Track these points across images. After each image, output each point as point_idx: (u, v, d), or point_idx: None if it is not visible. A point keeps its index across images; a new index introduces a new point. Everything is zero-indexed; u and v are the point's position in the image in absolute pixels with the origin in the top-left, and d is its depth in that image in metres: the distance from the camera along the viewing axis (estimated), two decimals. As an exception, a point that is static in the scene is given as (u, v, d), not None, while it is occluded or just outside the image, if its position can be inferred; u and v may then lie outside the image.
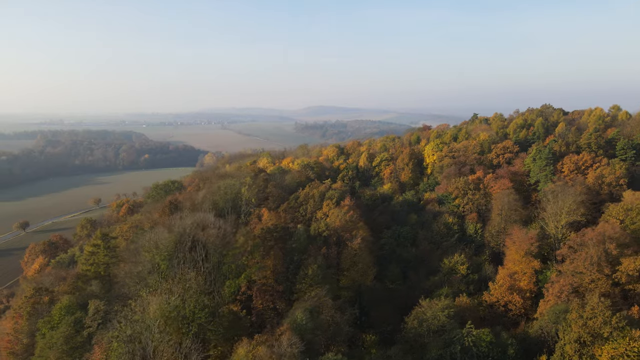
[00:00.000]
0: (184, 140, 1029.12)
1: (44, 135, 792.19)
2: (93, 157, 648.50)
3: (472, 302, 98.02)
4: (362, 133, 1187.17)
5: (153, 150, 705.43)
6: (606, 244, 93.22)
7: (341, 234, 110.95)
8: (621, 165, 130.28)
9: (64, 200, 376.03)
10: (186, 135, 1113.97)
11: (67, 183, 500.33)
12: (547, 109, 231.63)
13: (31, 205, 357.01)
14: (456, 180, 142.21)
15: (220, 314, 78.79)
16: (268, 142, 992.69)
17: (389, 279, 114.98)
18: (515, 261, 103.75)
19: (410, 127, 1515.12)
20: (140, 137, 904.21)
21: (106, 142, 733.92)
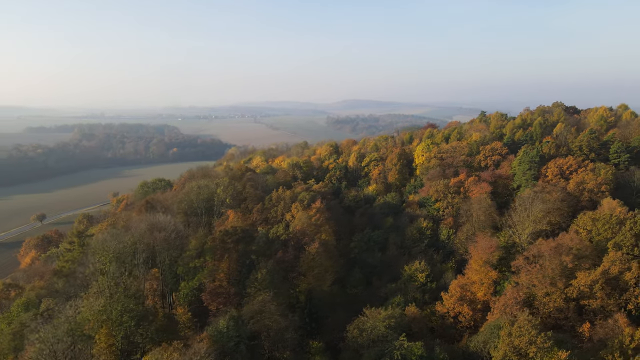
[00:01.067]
0: (215, 133, 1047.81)
1: (81, 128, 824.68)
2: (125, 150, 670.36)
3: (424, 312, 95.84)
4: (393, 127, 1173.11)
5: (182, 143, 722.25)
6: (562, 257, 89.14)
7: (300, 237, 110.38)
8: (607, 170, 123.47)
9: (88, 193, 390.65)
10: (218, 129, 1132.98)
11: (97, 176, 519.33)
12: (556, 107, 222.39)
13: (56, 197, 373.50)
14: (436, 183, 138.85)
15: (151, 318, 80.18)
16: (296, 136, 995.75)
17: (350, 285, 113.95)
18: (474, 270, 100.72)
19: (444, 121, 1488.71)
20: (172, 131, 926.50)
21: (138, 135, 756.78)
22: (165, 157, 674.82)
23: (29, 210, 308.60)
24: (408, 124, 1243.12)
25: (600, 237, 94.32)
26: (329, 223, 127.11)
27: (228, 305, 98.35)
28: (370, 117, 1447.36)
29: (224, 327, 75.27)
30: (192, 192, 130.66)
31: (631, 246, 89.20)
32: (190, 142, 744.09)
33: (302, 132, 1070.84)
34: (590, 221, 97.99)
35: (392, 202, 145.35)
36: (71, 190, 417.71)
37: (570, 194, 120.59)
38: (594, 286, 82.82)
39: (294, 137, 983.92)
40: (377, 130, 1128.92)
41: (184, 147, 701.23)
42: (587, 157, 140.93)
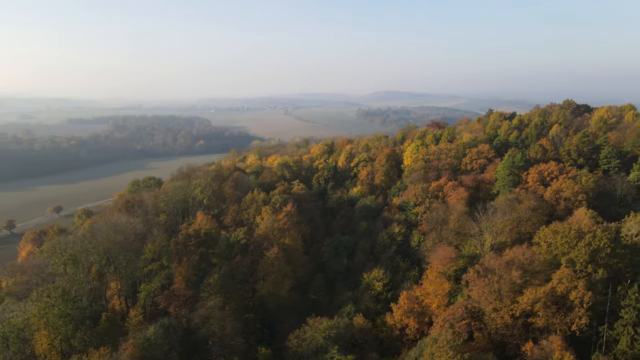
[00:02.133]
0: (244, 125, 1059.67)
1: (116, 120, 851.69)
2: (153, 142, 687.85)
3: (376, 322, 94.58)
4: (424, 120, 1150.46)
5: (209, 136, 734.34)
6: (512, 272, 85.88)
7: (260, 242, 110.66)
8: (588, 178, 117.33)
9: (110, 185, 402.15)
10: (248, 121, 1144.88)
11: (123, 167, 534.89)
12: (566, 106, 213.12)
13: (79, 188, 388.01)
14: (415, 187, 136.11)
15: (88, 322, 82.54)
16: (325, 128, 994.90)
17: (312, 290, 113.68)
18: (430, 281, 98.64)
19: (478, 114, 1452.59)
20: (202, 123, 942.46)
21: (167, 127, 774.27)
22: (192, 149, 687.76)
23: (51, 201, 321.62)
24: (440, 116, 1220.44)
25: (557, 252, 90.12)
26: (299, 226, 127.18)
27: (183, 308, 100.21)
28: (402, 109, 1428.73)
29: (152, 335, 76.51)
30: (167, 193, 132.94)
31: (585, 263, 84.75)
32: (217, 135, 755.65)
33: (332, 124, 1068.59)
34: (551, 234, 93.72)
35: (371, 205, 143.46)
36: (95, 182, 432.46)
37: (547, 202, 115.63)
38: (536, 305, 79.53)
39: (322, 129, 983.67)
40: (407, 122, 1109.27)
41: (211, 140, 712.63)
42: (575, 162, 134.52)
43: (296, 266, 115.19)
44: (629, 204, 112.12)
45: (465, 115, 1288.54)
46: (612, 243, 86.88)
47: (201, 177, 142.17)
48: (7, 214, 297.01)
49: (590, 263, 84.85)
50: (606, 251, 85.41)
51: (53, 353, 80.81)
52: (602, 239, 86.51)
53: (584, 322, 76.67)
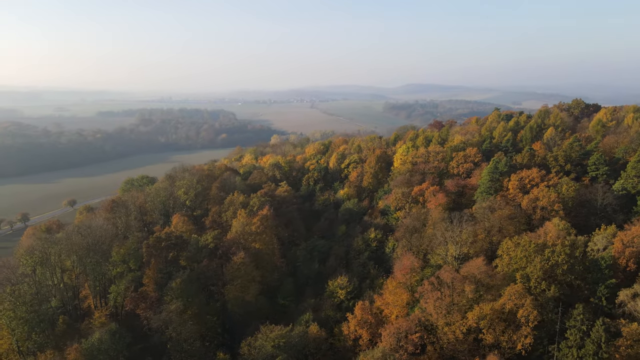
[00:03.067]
0: (269, 119, 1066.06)
1: (142, 113, 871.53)
2: (177, 135, 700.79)
3: (326, 332, 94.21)
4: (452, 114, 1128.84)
5: (231, 129, 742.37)
6: (465, 285, 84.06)
7: (228, 246, 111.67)
8: (569, 186, 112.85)
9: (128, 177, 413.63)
10: (273, 114, 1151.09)
11: (145, 160, 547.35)
12: (574, 105, 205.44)
13: (99, 181, 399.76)
14: (396, 191, 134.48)
15: (42, 325, 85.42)
16: (349, 122, 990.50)
17: (281, 296, 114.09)
18: (390, 291, 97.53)
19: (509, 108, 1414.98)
20: (227, 116, 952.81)
21: (191, 121, 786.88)
22: (214, 142, 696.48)
23: (71, 194, 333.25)
24: (468, 110, 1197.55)
25: (516, 266, 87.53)
26: (276, 230, 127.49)
27: (148, 310, 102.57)
28: (429, 103, 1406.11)
29: (96, 341, 78.47)
30: (150, 194, 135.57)
31: (539, 279, 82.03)
32: (239, 129, 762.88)
33: (356, 118, 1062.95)
34: (513, 246, 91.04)
35: (353, 208, 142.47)
36: (115, 175, 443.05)
37: (524, 211, 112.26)
38: (481, 322, 77.66)
39: (346, 123, 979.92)
40: (433, 116, 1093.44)
41: (233, 133, 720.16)
42: (563, 168, 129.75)
43: (266, 270, 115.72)
44: (609, 215, 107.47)
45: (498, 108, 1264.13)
46: (570, 259, 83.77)
47: (186, 179, 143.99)
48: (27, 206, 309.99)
49: (544, 279, 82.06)
50: (563, 267, 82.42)
51: (13, 354, 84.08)
52: (561, 254, 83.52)
53: (529, 342, 74.51)
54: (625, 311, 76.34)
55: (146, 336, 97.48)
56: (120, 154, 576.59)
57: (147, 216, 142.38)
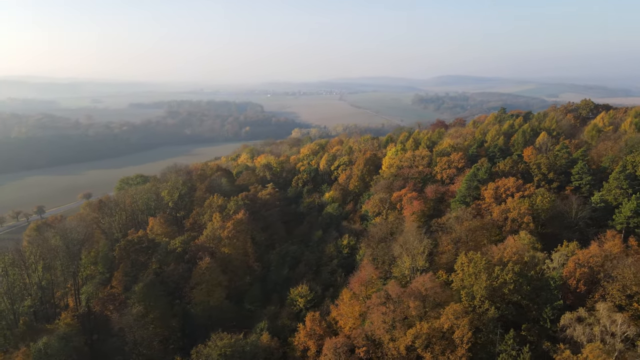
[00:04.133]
0: (295, 111, 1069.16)
1: (170, 106, 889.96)
2: (202, 127, 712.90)
3: (279, 341, 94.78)
4: (482, 108, 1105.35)
5: (255, 123, 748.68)
6: (410, 301, 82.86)
7: (196, 251, 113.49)
8: (544, 197, 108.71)
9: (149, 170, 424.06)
10: (300, 106, 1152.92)
11: (169, 153, 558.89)
12: (582, 106, 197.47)
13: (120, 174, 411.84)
14: (374, 197, 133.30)
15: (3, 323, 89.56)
16: (374, 115, 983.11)
17: (248, 301, 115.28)
18: (344, 302, 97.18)
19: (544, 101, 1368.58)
20: (254, 108, 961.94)
21: (216, 114, 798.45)
22: (238, 135, 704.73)
23: (90, 186, 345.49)
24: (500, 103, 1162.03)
25: (466, 282, 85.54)
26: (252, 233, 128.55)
27: (115, 312, 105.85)
28: (459, 96, 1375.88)
29: (43, 346, 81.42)
30: (133, 196, 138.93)
31: (483, 298, 79.97)
32: (263, 122, 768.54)
33: (382, 111, 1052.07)
34: (467, 262, 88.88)
35: (333, 213, 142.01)
36: (137, 167, 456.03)
37: (495, 223, 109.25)
38: (417, 340, 76.50)
39: (371, 116, 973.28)
40: (463, 110, 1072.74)
41: (257, 126, 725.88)
42: (545, 177, 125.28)
43: (235, 275, 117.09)
44: (581, 229, 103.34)
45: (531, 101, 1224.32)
46: (519, 277, 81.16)
47: (171, 180, 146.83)
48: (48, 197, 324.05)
49: (489, 299, 79.91)
50: (509, 287, 80.00)
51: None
52: (509, 272, 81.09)
53: (463, 364, 72.98)
54: (566, 335, 73.54)
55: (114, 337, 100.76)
56: (145, 146, 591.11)
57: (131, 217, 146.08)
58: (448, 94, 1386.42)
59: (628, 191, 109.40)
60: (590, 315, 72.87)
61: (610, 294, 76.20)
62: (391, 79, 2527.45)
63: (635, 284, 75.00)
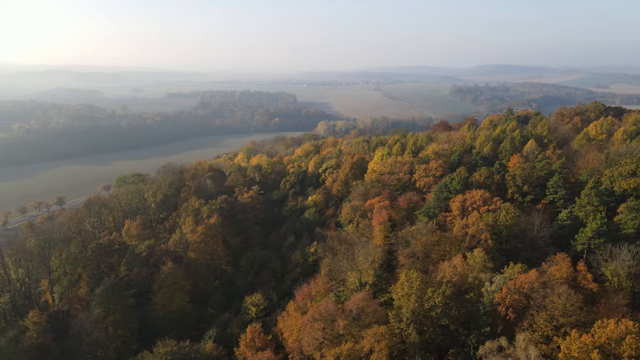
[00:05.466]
0: (330, 101, 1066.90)
1: (204, 96, 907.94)
2: (232, 119, 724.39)
3: (224, 350, 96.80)
4: (522, 99, 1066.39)
5: (284, 114, 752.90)
6: (338, 320, 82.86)
7: (160, 255, 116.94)
8: (508, 213, 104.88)
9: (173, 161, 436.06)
10: (334, 97, 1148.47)
11: (197, 144, 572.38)
12: (591, 108, 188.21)
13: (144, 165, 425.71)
14: (346, 205, 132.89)
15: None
16: (408, 107, 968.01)
17: (210, 305, 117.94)
18: (289, 314, 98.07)
19: (590, 92, 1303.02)
20: (286, 99, 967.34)
21: (247, 104, 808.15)
22: (267, 126, 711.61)
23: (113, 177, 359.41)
24: (541, 95, 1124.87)
25: (399, 303, 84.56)
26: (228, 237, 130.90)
27: (81, 312, 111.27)
28: (500, 86, 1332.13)
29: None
30: (117, 197, 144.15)
31: (408, 322, 78.90)
32: (292, 113, 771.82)
33: (416, 103, 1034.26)
34: (405, 281, 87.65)
35: (309, 218, 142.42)
36: (163, 158, 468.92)
37: (455, 238, 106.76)
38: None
39: (404, 108, 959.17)
40: (502, 102, 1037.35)
41: (285, 118, 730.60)
42: (520, 189, 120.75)
43: (199, 279, 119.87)
44: (541, 247, 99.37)
45: (575, 93, 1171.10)
46: (449, 300, 79.47)
47: (157, 181, 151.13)
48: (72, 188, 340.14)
49: (414, 322, 78.77)
50: (437, 310, 78.54)
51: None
52: (439, 295, 79.57)
53: (377, 388, 72.65)
54: (486, 365, 71.68)
55: (72, 337, 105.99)
56: (176, 136, 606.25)
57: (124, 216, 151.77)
58: (488, 85, 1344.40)
59: (599, 208, 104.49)
60: (509, 346, 70.78)
61: (537, 324, 73.51)
62: (430, 68, 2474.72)
63: (563, 315, 72.04)
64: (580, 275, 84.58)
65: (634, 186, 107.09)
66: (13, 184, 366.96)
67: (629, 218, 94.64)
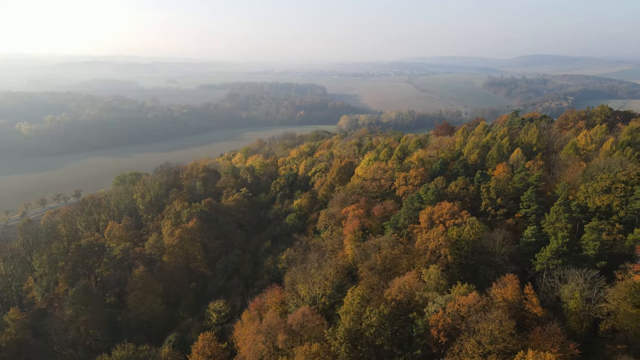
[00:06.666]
0: (359, 93, 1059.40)
1: (233, 88, 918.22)
2: (258, 111, 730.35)
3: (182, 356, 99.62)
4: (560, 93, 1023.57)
5: (310, 107, 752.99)
6: (279, 334, 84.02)
7: (134, 258, 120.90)
8: (472, 229, 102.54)
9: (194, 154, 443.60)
10: (364, 89, 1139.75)
11: (220, 136, 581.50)
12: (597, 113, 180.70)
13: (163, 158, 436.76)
14: (322, 212, 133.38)
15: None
16: (438, 100, 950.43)
17: (181, 309, 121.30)
18: (244, 323, 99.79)
19: (636, 85, 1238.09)
20: (315, 91, 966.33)
21: (274, 96, 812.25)
22: (292, 119, 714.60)
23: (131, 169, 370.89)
24: (581, 88, 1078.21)
25: (346, 321, 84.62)
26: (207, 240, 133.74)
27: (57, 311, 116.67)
28: (537, 79, 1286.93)
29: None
30: (107, 198, 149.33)
31: (341, 340, 79.12)
32: (318, 105, 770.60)
33: (449, 96, 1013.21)
34: (350, 298, 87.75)
35: (289, 223, 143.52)
36: (185, 151, 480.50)
37: (417, 252, 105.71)
38: (267, 377, 77.86)
39: (434, 101, 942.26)
40: (537, 95, 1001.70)
41: (311, 111, 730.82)
42: (494, 202, 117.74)
43: (172, 283, 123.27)
44: (499, 265, 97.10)
45: (618, 86, 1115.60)
46: (385, 320, 79.19)
47: (147, 182, 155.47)
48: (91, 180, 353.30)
49: (346, 341, 78.93)
50: (371, 330, 78.47)
51: None
52: (375, 314, 79.44)
53: (302, 406, 73.59)
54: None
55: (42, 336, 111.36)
56: (201, 128, 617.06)
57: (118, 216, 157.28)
58: (525, 77, 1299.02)
59: (567, 226, 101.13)
60: (435, 372, 70.22)
61: (465, 349, 72.43)
62: (467, 58, 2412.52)
63: (491, 342, 70.70)
64: (528, 299, 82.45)
65: (607, 203, 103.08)
66: (41, 174, 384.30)
67: (591, 239, 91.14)
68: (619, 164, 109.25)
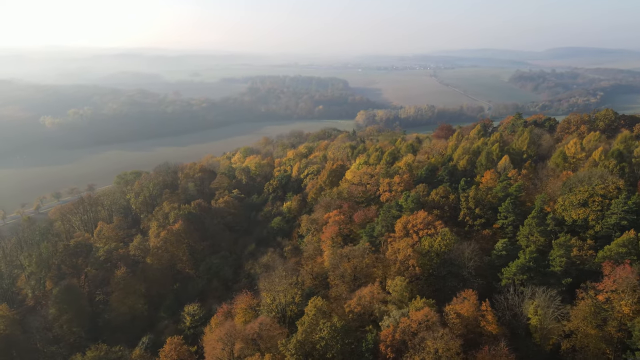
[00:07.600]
0: (381, 87, 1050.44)
1: (254, 81, 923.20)
2: (277, 105, 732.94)
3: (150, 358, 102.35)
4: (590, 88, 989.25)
5: (329, 101, 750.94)
6: (236, 342, 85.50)
7: (117, 259, 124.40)
8: (443, 240, 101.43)
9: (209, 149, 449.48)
10: (387, 82, 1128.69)
11: (238, 130, 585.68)
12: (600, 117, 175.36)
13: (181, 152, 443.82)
14: (304, 217, 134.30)
15: None
16: (461, 95, 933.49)
17: (163, 309, 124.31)
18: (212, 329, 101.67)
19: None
20: (336, 85, 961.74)
21: (293, 91, 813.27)
22: (311, 113, 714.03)
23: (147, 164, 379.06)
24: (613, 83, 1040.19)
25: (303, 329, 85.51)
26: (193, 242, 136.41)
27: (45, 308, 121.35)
28: (568, 72, 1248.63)
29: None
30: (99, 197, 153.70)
31: (291, 352, 79.98)
32: (338, 100, 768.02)
33: (473, 90, 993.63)
34: (311, 308, 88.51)
35: (274, 226, 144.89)
36: (201, 145, 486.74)
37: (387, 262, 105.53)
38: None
39: (457, 96, 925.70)
40: (565, 90, 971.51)
41: (330, 105, 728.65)
42: (472, 212, 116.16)
43: (155, 284, 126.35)
44: (465, 278, 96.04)
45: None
46: (337, 333, 79.65)
47: (141, 183, 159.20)
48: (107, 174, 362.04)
49: (297, 354, 79.72)
50: (322, 343, 79.11)
51: None
52: (326, 327, 80.00)
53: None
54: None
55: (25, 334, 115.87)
56: (219, 123, 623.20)
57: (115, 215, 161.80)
58: (554, 70, 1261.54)
59: (540, 239, 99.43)
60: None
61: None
62: (496, 51, 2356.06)
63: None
64: (485, 316, 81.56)
65: (584, 217, 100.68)
66: (61, 167, 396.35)
67: (557, 255, 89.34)
68: (599, 177, 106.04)
